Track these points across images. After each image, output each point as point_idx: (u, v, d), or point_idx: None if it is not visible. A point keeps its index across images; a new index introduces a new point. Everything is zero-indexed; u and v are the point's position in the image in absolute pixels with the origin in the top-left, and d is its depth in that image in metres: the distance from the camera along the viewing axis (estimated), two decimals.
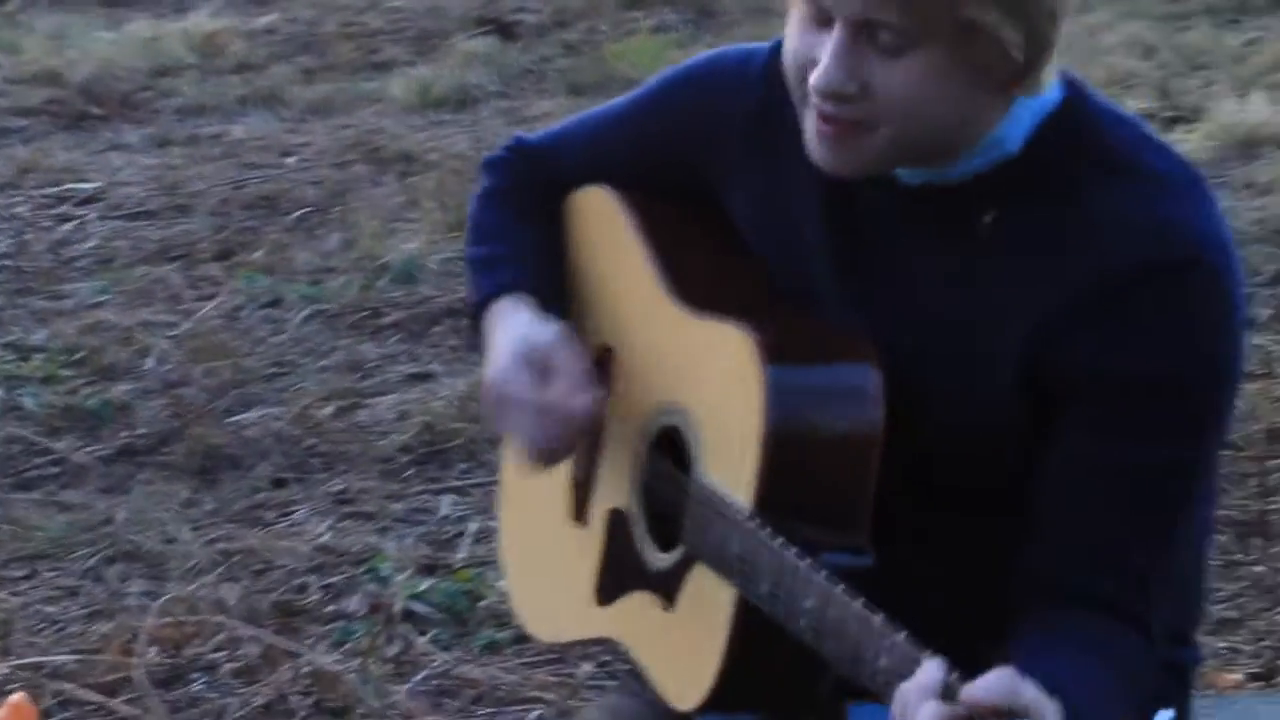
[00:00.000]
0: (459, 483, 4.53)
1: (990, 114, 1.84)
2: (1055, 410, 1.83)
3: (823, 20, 1.80)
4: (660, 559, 2.01)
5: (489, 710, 3.58)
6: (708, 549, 1.90)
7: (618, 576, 2.09)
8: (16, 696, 3.11)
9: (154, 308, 5.78)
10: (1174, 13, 9.38)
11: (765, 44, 2.09)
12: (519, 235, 2.21)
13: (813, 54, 1.81)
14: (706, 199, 2.10)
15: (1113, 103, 1.95)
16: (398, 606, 3.84)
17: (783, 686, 1.90)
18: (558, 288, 2.19)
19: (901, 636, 1.65)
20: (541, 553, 2.27)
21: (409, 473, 4.59)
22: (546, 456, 2.06)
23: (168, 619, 3.74)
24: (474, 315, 2.16)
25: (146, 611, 3.90)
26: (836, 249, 1.96)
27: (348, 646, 3.75)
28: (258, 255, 6.20)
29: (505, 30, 9.69)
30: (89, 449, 4.77)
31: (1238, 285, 1.84)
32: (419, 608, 3.86)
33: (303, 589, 4.01)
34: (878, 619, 1.67)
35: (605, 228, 2.19)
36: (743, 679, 1.89)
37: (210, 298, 5.84)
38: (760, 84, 2.03)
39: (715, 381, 1.95)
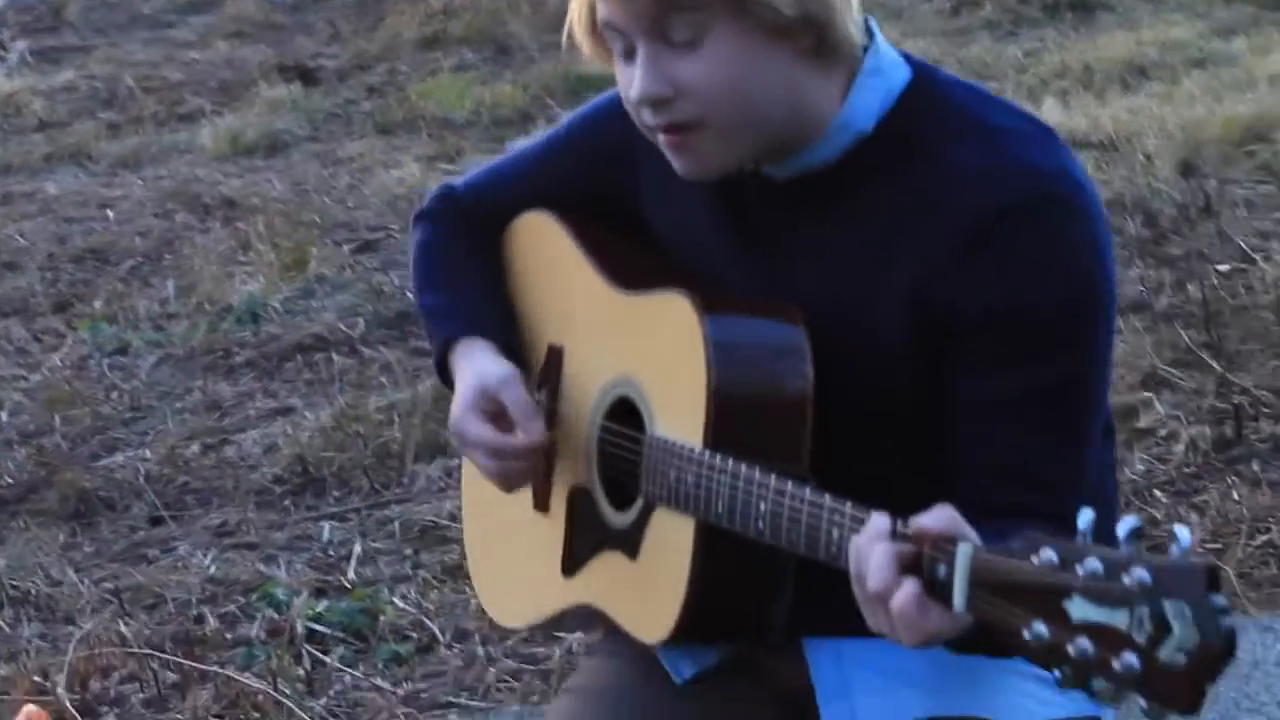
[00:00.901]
0: (336, 509, 4.62)
1: (821, 95, 1.98)
2: (948, 350, 1.98)
3: (629, 51, 1.98)
4: (620, 517, 2.16)
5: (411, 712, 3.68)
6: (665, 491, 2.04)
7: (581, 545, 2.23)
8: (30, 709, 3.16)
9: None
10: (954, 28, 9.77)
11: None
12: (462, 280, 2.37)
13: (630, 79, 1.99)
14: (626, 213, 2.27)
15: (955, 75, 2.11)
16: (299, 628, 3.92)
17: (744, 610, 2.05)
18: (505, 318, 2.36)
19: (848, 505, 1.81)
20: (507, 549, 2.40)
21: (285, 503, 4.67)
22: (506, 484, 2.27)
23: (83, 654, 3.79)
24: (439, 363, 2.32)
25: (44, 653, 3.94)
26: (730, 244, 2.13)
27: (255, 668, 3.82)
28: (97, 306, 6.23)
29: (307, 76, 9.76)
30: None
31: (1098, 212, 2.00)
32: (320, 628, 3.95)
33: (199, 619, 4.08)
34: (826, 497, 1.84)
35: (548, 244, 2.35)
36: (708, 602, 2.02)
37: (55, 349, 5.87)
38: None
39: (660, 343, 2.10)
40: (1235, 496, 4.27)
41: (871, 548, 1.75)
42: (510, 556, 2.38)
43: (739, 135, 1.99)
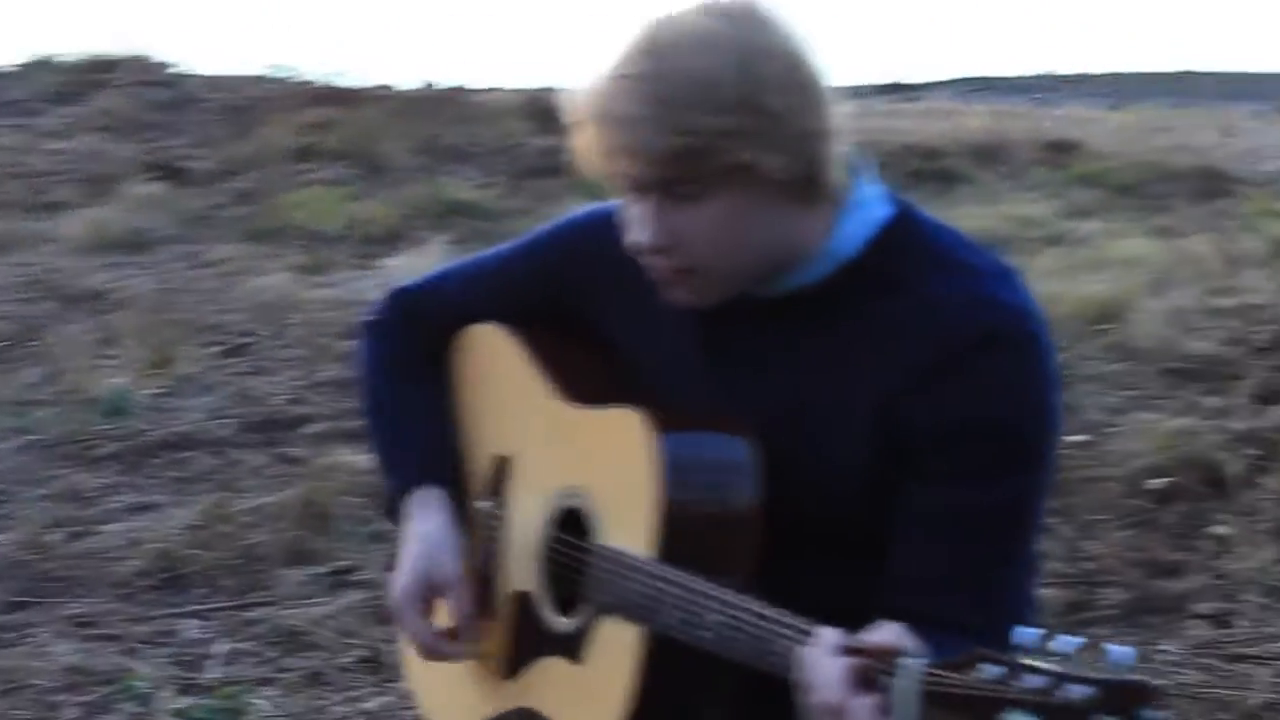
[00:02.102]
0: (199, 607, 4.61)
1: (809, 229, 2.10)
2: (907, 466, 2.08)
3: (636, 190, 2.06)
4: (564, 623, 2.22)
5: None
6: (613, 600, 2.11)
7: (523, 649, 2.29)
8: None
9: None
10: None
11: None
12: (416, 411, 2.46)
13: (632, 219, 2.10)
14: (584, 322, 2.35)
15: (933, 216, 2.24)
16: None
17: (680, 712, 2.12)
18: (453, 450, 2.44)
19: (797, 619, 1.90)
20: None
21: (148, 597, 4.65)
22: (431, 660, 2.37)
23: None
24: (390, 502, 2.40)
25: None
26: (704, 356, 2.22)
27: None
28: None
29: (176, 175, 9.78)
30: None
31: (1053, 350, 2.13)
32: None
33: (54, 707, 4.04)
34: (774, 610, 1.92)
35: (500, 358, 2.42)
36: (648, 709, 2.08)
37: None
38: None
39: (612, 457, 2.17)
40: None
41: (824, 660, 1.84)
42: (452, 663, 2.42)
43: (731, 278, 2.11)
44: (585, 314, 2.35)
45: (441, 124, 11.19)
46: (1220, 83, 22.15)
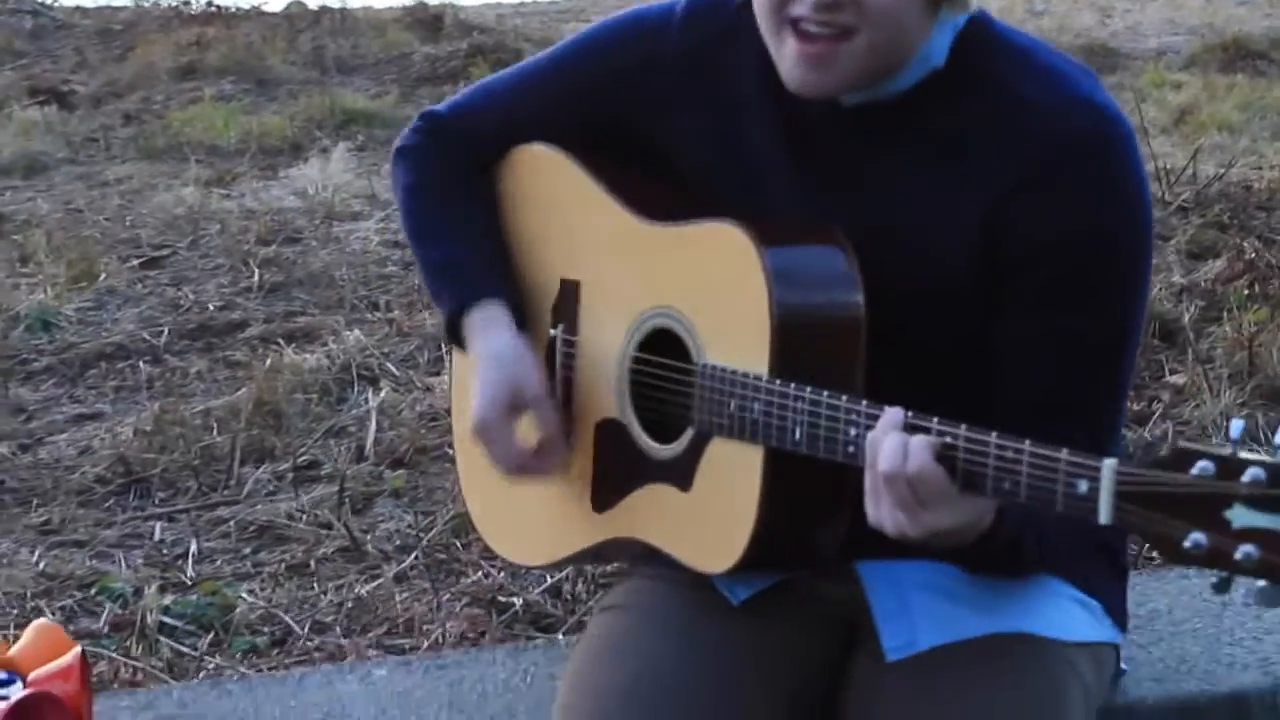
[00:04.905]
0: (163, 510, 4.50)
1: (924, 35, 2.07)
2: (1011, 279, 2.05)
3: None
4: (665, 449, 2.15)
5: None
6: (726, 421, 2.05)
7: (617, 479, 2.22)
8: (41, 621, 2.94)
9: None
10: None
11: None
12: (467, 229, 2.35)
13: None
14: (638, 141, 2.26)
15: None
16: (151, 619, 3.80)
17: (807, 537, 2.07)
18: (510, 269, 2.34)
19: (867, 405, 1.92)
20: (519, 486, 2.34)
21: (110, 503, 4.53)
22: (518, 480, 2.30)
23: None
24: (451, 323, 2.31)
25: None
26: (793, 168, 2.15)
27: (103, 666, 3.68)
28: None
29: (61, 100, 9.54)
30: None
31: (1139, 151, 2.12)
32: (170, 620, 3.83)
33: (36, 613, 3.92)
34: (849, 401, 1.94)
35: (555, 177, 2.32)
36: (776, 530, 2.04)
37: None
38: (680, 32, 2.23)
39: (709, 273, 2.10)
40: None
41: (884, 435, 1.86)
42: (525, 493, 2.34)
43: (876, 56, 2.04)
44: (641, 127, 2.26)
45: (323, 38, 11.00)
46: None
